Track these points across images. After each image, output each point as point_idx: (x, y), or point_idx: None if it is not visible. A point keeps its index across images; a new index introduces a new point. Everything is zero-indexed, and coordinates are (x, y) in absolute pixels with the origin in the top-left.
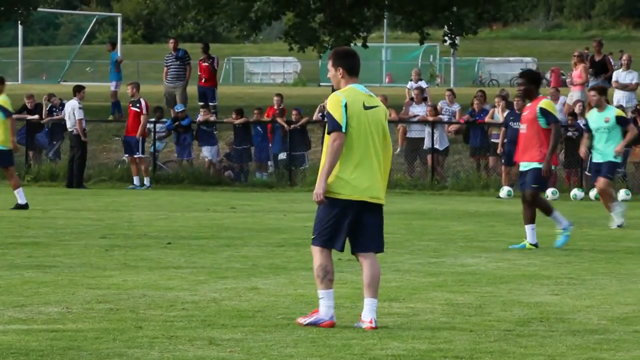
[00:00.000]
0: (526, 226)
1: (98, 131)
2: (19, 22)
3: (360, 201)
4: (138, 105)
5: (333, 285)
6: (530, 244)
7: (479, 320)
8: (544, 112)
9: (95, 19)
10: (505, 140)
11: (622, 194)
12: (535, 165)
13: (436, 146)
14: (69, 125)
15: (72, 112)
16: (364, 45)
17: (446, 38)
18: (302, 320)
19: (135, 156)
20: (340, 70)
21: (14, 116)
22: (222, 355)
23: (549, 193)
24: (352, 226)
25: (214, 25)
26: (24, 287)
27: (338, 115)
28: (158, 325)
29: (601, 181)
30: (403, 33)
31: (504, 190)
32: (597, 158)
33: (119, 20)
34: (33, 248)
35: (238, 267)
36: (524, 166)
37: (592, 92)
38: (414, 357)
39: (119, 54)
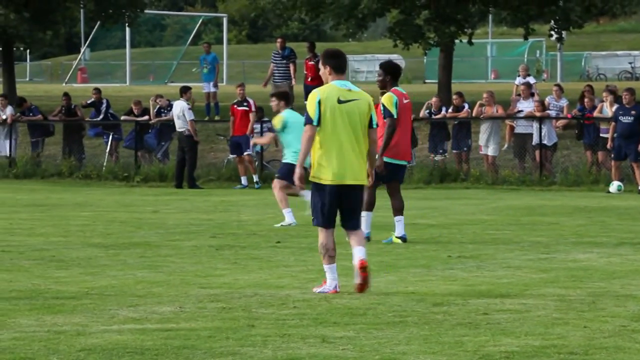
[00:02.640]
0: None
1: (205, 131)
2: (127, 24)
3: (341, 185)
4: (246, 104)
5: (335, 260)
6: None
7: (593, 315)
8: None
9: (200, 20)
10: (615, 135)
11: None
12: None
13: (544, 142)
14: (178, 125)
15: (181, 113)
16: (469, 42)
17: (552, 32)
18: (315, 289)
19: (245, 154)
20: (328, 68)
21: None
22: (334, 353)
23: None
24: (339, 206)
25: (318, 24)
26: (137, 287)
27: (311, 111)
28: (270, 324)
29: None
30: (508, 29)
31: (614, 185)
32: None
33: (225, 20)
34: (145, 248)
35: (347, 265)
36: None
37: None
38: (527, 354)
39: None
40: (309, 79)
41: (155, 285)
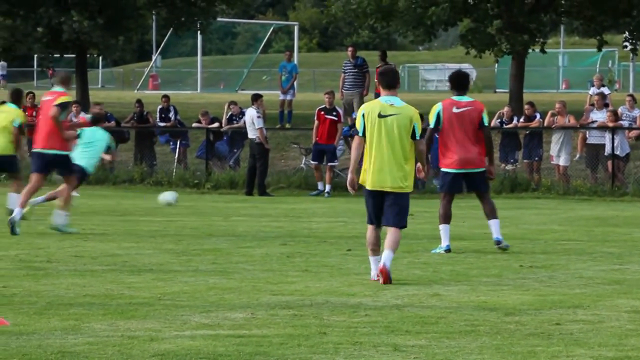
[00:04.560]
0: None
1: (276, 139)
2: (199, 31)
3: (379, 190)
4: (335, 113)
5: (377, 253)
6: None
7: None
8: None
9: (272, 28)
10: None
11: None
12: None
13: (617, 152)
14: (249, 133)
15: (251, 120)
16: (542, 51)
17: (627, 44)
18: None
19: (330, 164)
20: (380, 85)
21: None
22: None
23: None
24: (381, 206)
25: (388, 33)
26: (209, 293)
27: (358, 124)
28: (342, 331)
29: None
30: (580, 38)
31: None
32: None
33: (296, 29)
34: (216, 254)
35: (419, 273)
36: None
37: None
38: None
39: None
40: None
41: (227, 291)
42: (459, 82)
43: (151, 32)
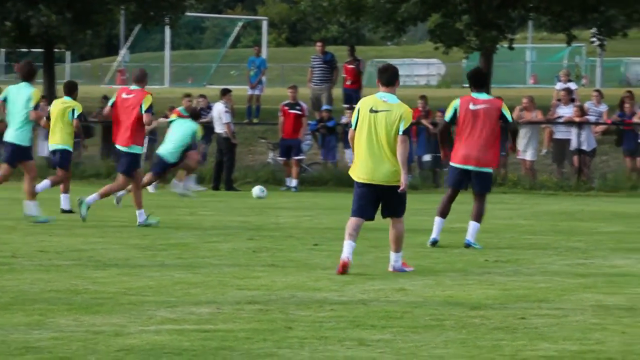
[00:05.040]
0: None
1: (244, 134)
2: (169, 26)
3: (366, 183)
4: (298, 107)
5: (354, 238)
6: None
7: (631, 321)
8: None
9: (240, 23)
10: None
11: None
12: None
13: (583, 147)
14: (217, 128)
15: (219, 115)
16: (510, 47)
17: (594, 39)
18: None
19: (296, 158)
20: (379, 82)
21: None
22: (372, 356)
23: None
24: (369, 200)
25: (357, 28)
26: (174, 288)
27: (353, 117)
28: (308, 326)
29: None
30: (548, 34)
31: None
32: None
33: (265, 24)
34: (182, 249)
35: (385, 267)
36: None
37: None
38: (565, 359)
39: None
40: (348, 83)
41: (193, 286)
42: (477, 79)
43: (119, 26)
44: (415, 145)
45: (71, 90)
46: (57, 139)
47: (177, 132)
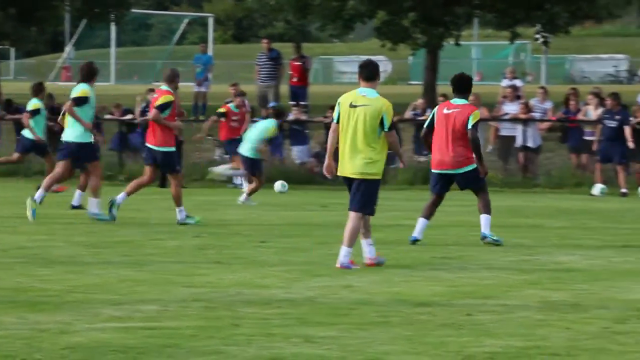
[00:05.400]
0: None
1: (190, 131)
2: (114, 23)
3: (346, 177)
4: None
5: (368, 236)
6: None
7: (575, 317)
8: None
9: (186, 20)
10: (601, 138)
11: None
12: None
13: (528, 144)
14: None
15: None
16: (457, 44)
17: (538, 36)
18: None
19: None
20: (360, 77)
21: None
22: (318, 353)
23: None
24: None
25: (303, 25)
26: (120, 286)
27: (335, 112)
28: (254, 323)
29: None
30: (493, 31)
31: (597, 188)
32: None
33: (211, 20)
34: (128, 246)
35: (332, 264)
36: None
37: None
38: (510, 355)
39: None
40: (295, 80)
41: (139, 283)
42: (457, 85)
43: (65, 23)
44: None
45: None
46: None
47: (255, 130)
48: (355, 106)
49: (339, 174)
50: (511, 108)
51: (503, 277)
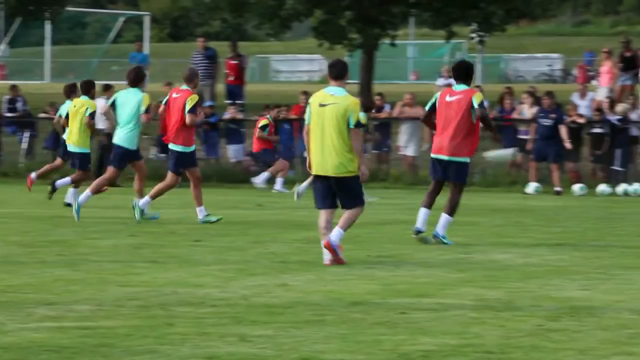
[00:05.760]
0: None
1: None
2: (50, 21)
3: (321, 175)
4: None
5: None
6: None
7: (510, 315)
8: None
9: (122, 18)
10: (536, 137)
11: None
12: None
13: None
14: (99, 124)
15: (101, 111)
16: (392, 44)
17: (474, 35)
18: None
19: None
20: (329, 76)
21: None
22: (253, 352)
23: (577, 189)
24: (327, 191)
25: (240, 24)
26: (54, 285)
27: (306, 114)
28: (189, 322)
29: None
30: (429, 30)
31: (532, 186)
32: None
33: (147, 19)
34: (62, 246)
35: (267, 264)
36: None
37: None
38: (444, 353)
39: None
40: (231, 78)
41: (73, 283)
42: (456, 72)
43: None
44: (298, 141)
45: (88, 88)
46: (74, 140)
47: None
48: (324, 105)
49: (314, 172)
50: None
51: (438, 275)
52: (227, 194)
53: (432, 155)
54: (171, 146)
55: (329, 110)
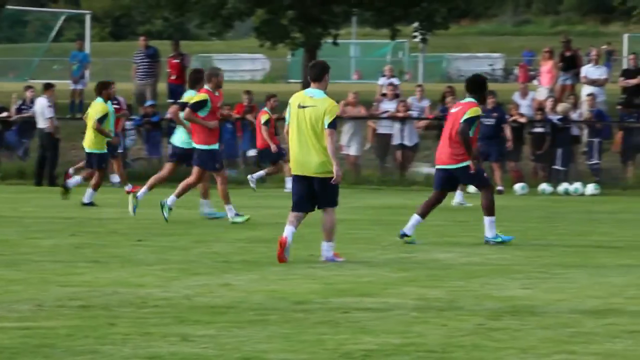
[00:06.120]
0: None
1: (67, 129)
2: None
3: (300, 175)
4: (116, 102)
5: (292, 225)
6: None
7: (452, 314)
8: None
9: (63, 17)
10: (477, 136)
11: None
12: None
13: (406, 142)
14: (39, 123)
15: (42, 110)
16: (335, 43)
17: (416, 34)
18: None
19: (115, 153)
20: (309, 77)
21: None
22: (195, 352)
23: (518, 188)
24: (305, 192)
25: (182, 23)
26: None
27: (287, 114)
28: (131, 322)
29: None
30: (372, 29)
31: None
32: None
33: (88, 18)
34: (3, 246)
35: (210, 263)
36: None
37: None
38: (386, 352)
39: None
40: (173, 77)
41: (14, 283)
42: (468, 85)
43: None
44: (240, 140)
45: (100, 90)
46: (87, 143)
47: None
48: (303, 107)
49: (293, 173)
50: (389, 106)
51: (381, 275)
52: (169, 193)
53: (436, 165)
54: (195, 145)
55: (307, 113)
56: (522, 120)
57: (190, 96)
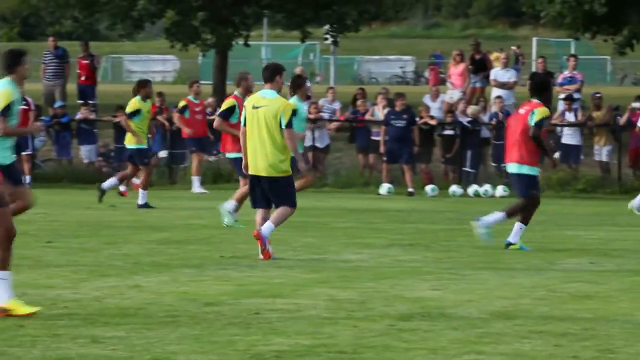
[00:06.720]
0: None
1: None
2: None
3: (256, 175)
4: (24, 102)
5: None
6: None
7: (362, 315)
8: None
9: None
10: (387, 138)
11: None
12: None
13: (317, 144)
14: None
15: None
16: (246, 44)
17: (327, 36)
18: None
19: (24, 154)
20: (263, 79)
21: None
22: (105, 353)
23: (429, 190)
24: (261, 190)
25: (92, 23)
26: None
27: (242, 116)
28: (40, 324)
29: None
30: (283, 31)
31: (385, 187)
32: None
33: None
34: None
35: (120, 265)
36: None
37: None
38: (298, 353)
39: None
40: (83, 78)
41: None
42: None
43: None
44: (152, 142)
45: (137, 89)
46: (128, 139)
47: None
48: (257, 108)
49: (250, 172)
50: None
51: (292, 276)
52: (79, 195)
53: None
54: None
55: (261, 112)
56: (433, 122)
57: (230, 101)
